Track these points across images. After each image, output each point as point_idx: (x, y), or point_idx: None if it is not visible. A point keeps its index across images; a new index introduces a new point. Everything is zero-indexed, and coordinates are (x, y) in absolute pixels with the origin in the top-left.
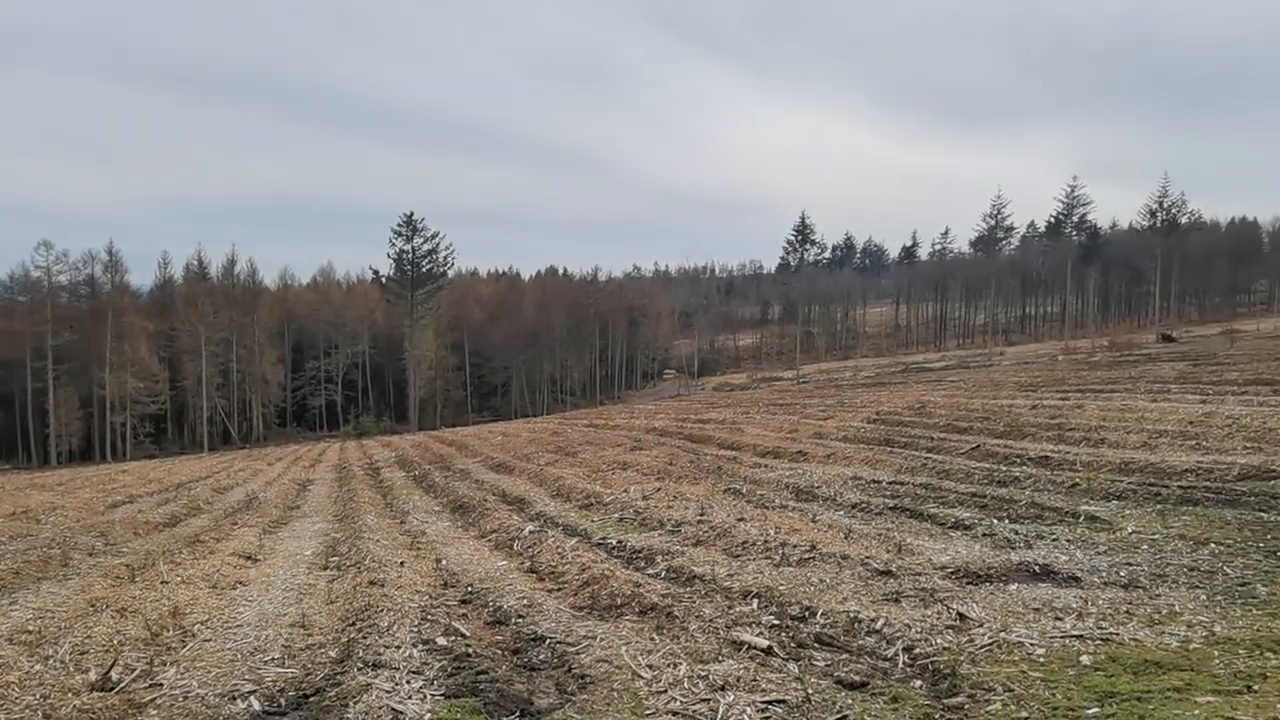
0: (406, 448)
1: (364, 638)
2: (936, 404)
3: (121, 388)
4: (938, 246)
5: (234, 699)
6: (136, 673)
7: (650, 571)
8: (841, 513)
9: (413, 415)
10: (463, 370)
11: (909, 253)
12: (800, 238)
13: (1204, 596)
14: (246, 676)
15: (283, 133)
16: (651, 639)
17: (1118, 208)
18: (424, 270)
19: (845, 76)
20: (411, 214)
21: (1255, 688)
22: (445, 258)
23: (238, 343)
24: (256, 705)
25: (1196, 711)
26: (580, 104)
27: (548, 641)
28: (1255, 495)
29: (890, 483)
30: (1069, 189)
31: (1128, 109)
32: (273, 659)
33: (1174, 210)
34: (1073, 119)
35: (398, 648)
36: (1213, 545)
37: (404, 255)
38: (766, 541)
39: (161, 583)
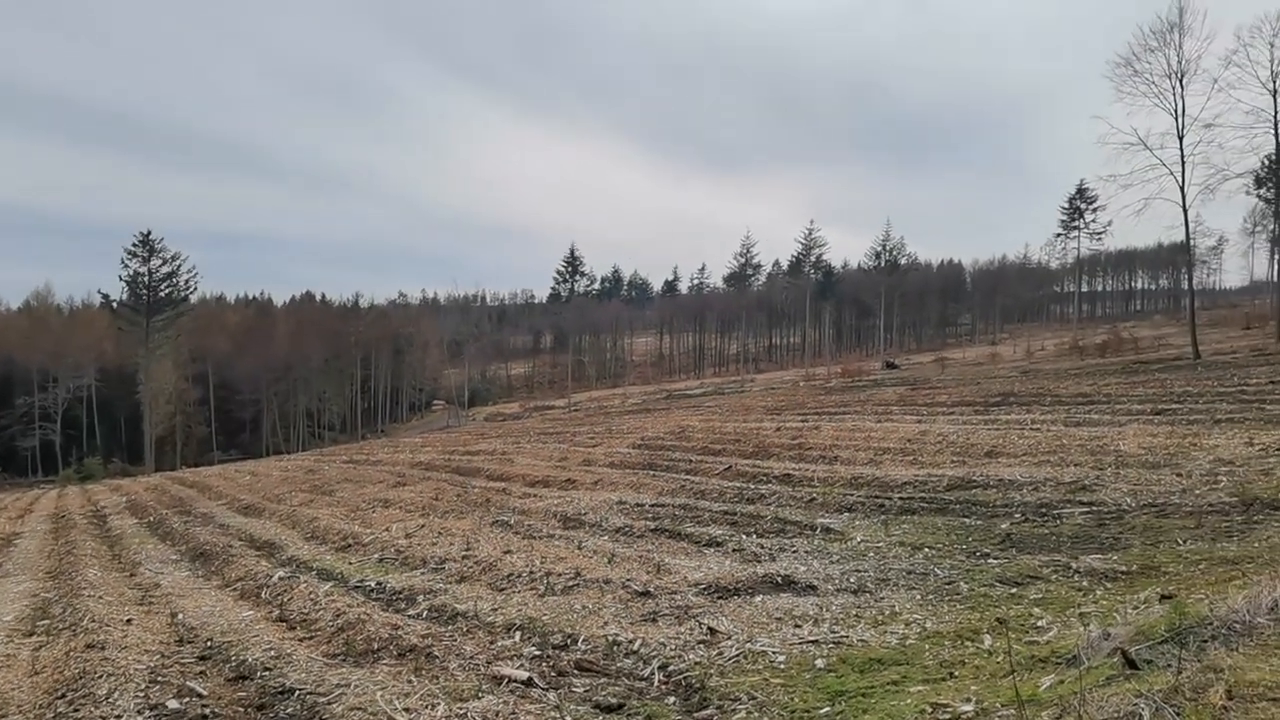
0: (140, 491)
1: (75, 711)
2: (695, 428)
3: None
4: (696, 281)
5: None
6: None
7: (411, 612)
8: (606, 538)
9: (148, 455)
10: (207, 404)
11: (671, 286)
12: (570, 269)
13: (919, 596)
14: None
15: None
16: (409, 681)
17: (849, 249)
18: (162, 295)
19: (611, 114)
20: (149, 233)
21: (955, 674)
22: (187, 281)
23: None
24: None
25: (909, 701)
26: (337, 124)
27: (297, 693)
28: (960, 503)
29: (652, 505)
30: (807, 232)
31: (856, 160)
32: None
33: (895, 252)
34: (810, 167)
35: (118, 717)
36: (927, 549)
37: (139, 278)
38: (532, 572)
39: None
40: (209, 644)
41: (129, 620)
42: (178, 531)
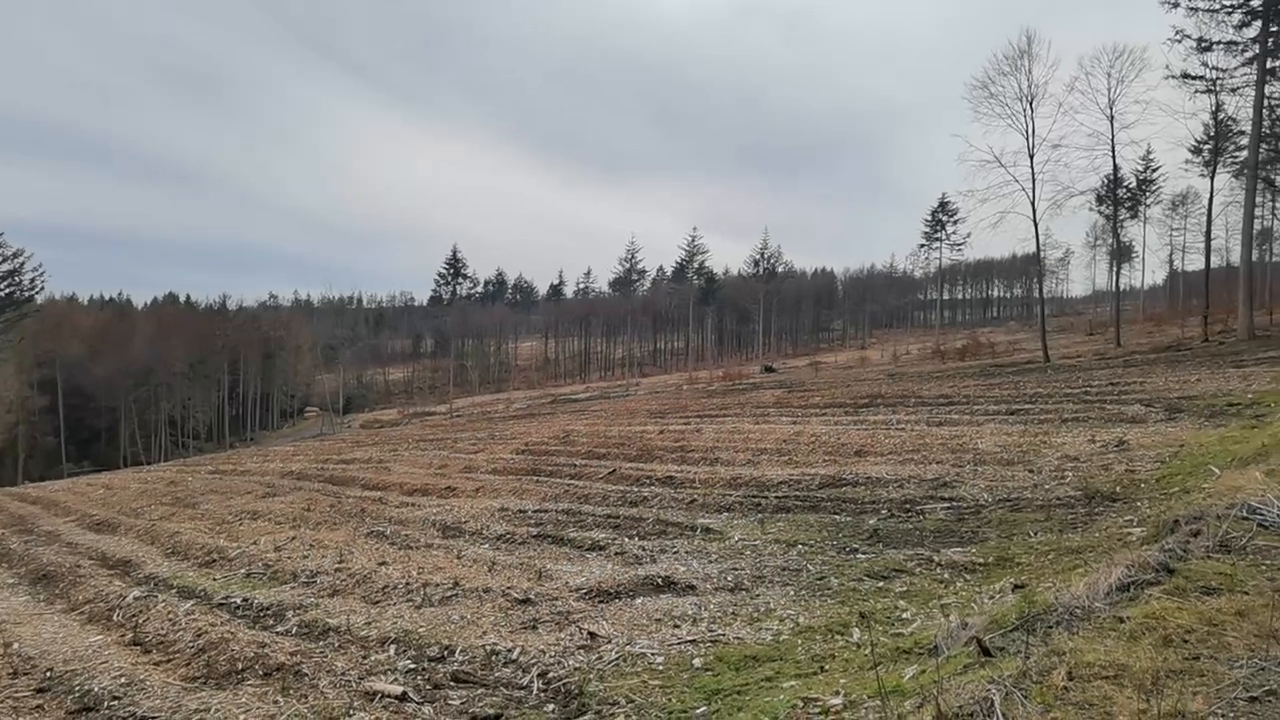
0: None
1: None
2: (580, 433)
3: None
4: (581, 286)
5: None
6: None
7: (279, 629)
8: (487, 546)
9: None
10: (55, 412)
11: (556, 290)
12: (452, 271)
13: (792, 592)
14: None
15: None
16: (275, 702)
17: (730, 256)
18: (2, 295)
19: (496, 117)
20: None
21: (826, 668)
22: (32, 280)
23: None
24: None
25: (782, 696)
26: (201, 118)
27: None
28: (831, 500)
29: (535, 511)
30: (690, 239)
31: (737, 172)
32: None
33: (773, 261)
34: (693, 177)
35: None
36: (800, 546)
37: None
38: (409, 584)
39: None
40: (49, 674)
41: None
42: (16, 553)
